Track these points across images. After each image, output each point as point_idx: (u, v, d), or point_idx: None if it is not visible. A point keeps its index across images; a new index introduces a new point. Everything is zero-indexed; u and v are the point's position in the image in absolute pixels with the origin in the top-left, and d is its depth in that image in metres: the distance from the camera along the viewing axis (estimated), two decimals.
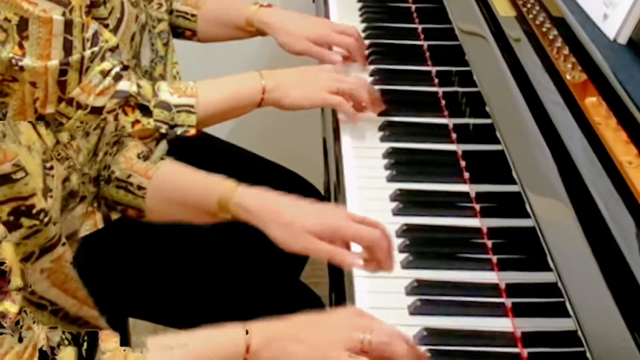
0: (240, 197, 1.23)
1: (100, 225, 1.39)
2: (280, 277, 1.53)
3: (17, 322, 0.97)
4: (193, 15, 1.71)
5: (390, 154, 1.42)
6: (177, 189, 1.29)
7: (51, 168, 1.14)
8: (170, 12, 1.71)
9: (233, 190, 1.24)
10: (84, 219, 1.28)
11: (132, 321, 1.72)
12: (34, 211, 1.07)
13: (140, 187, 1.29)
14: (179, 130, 1.40)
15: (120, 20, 1.40)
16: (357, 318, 1.05)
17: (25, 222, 1.07)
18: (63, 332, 1.02)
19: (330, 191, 1.44)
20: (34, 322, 1.00)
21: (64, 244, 1.15)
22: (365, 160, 1.42)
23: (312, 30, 1.65)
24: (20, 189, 1.05)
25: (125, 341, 1.05)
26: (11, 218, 1.05)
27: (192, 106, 1.41)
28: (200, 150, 1.71)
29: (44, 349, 0.98)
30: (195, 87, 1.43)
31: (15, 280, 0.99)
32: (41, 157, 1.12)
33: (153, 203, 1.29)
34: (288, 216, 1.18)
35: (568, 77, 1.09)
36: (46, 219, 1.09)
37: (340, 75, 1.51)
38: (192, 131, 1.41)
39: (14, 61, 1.11)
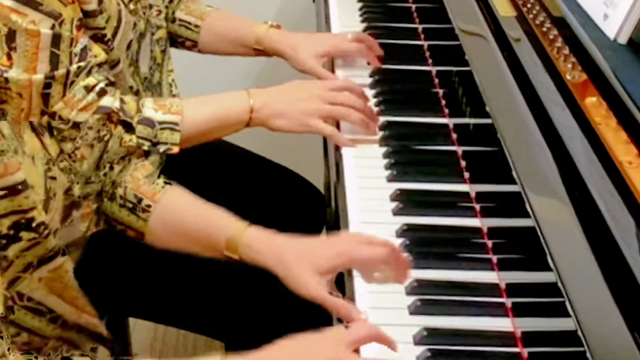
0: (250, 239, 1.22)
1: (101, 226, 1.39)
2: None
3: None
4: (196, 26, 1.70)
5: (390, 154, 1.42)
6: (182, 219, 1.28)
7: (53, 178, 1.14)
8: (173, 20, 1.70)
9: (242, 230, 1.23)
10: (85, 224, 1.28)
11: (132, 321, 1.72)
12: (33, 224, 1.07)
13: (144, 210, 1.28)
14: (161, 148, 1.37)
15: (117, 28, 1.39)
16: (338, 351, 1.02)
17: (25, 235, 1.07)
18: (36, 358, 1.01)
19: (330, 191, 1.44)
20: (8, 349, 0.99)
21: (63, 254, 1.15)
22: (365, 160, 1.42)
23: (321, 46, 1.65)
24: (20, 202, 1.05)
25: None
26: (11, 232, 1.05)
27: (176, 124, 1.38)
28: (200, 150, 1.71)
29: None
30: (181, 104, 1.40)
31: None
32: (44, 166, 1.12)
33: (155, 228, 1.28)
34: (297, 259, 1.17)
35: (568, 77, 1.09)
36: (46, 232, 1.09)
37: (331, 94, 1.47)
38: (175, 149, 1.38)
39: (0, 72, 1.11)
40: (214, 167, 1.73)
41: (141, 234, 1.29)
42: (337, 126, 1.49)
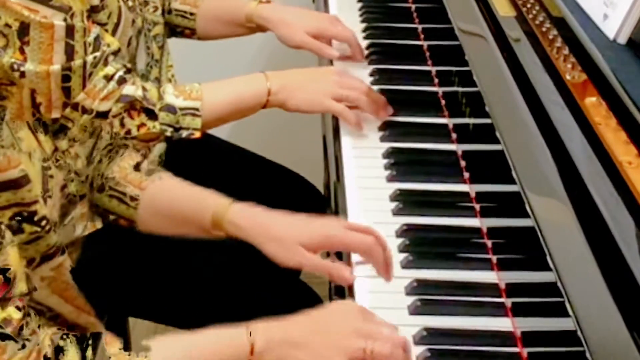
0: (233, 215, 1.23)
1: (99, 225, 1.39)
2: (280, 276, 1.53)
3: (21, 328, 0.97)
4: (192, 14, 1.72)
5: (390, 154, 1.42)
6: (170, 203, 1.29)
7: (51, 176, 1.14)
8: (169, 11, 1.71)
9: (226, 207, 1.24)
10: (83, 223, 1.28)
11: (132, 321, 1.72)
12: (35, 218, 1.08)
13: (133, 198, 1.29)
14: (184, 133, 1.40)
15: (117, 25, 1.40)
16: (360, 322, 1.04)
17: (27, 227, 1.07)
18: (67, 335, 1.02)
19: (330, 191, 1.44)
20: (38, 327, 1.00)
21: (63, 252, 1.15)
22: (365, 160, 1.42)
23: (311, 24, 1.66)
24: (23, 195, 1.05)
25: (125, 341, 1.06)
26: (13, 223, 1.05)
27: (197, 109, 1.40)
28: (201, 150, 1.71)
29: (49, 355, 0.98)
30: (201, 89, 1.43)
31: (20, 286, 0.99)
32: (41, 164, 1.12)
33: (145, 215, 1.29)
34: (280, 231, 1.19)
35: (568, 77, 1.09)
36: (48, 226, 1.10)
37: (345, 80, 1.50)
38: (197, 134, 1.41)
39: (15, 66, 1.11)
40: (214, 166, 1.73)
41: (132, 221, 1.30)
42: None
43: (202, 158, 1.72)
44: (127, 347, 1.05)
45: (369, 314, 1.07)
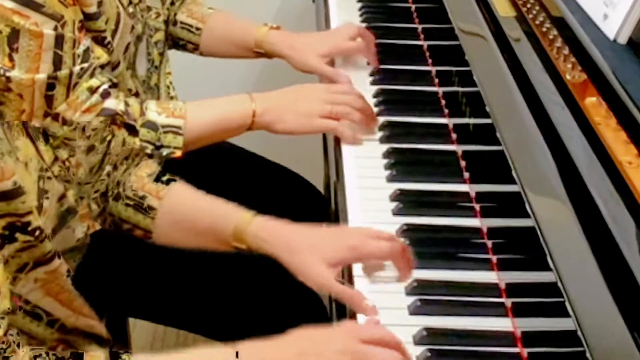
0: (257, 228, 1.22)
1: (98, 226, 1.39)
2: (280, 276, 1.53)
3: (2, 345, 0.96)
4: (198, 29, 1.70)
5: (390, 154, 1.42)
6: (188, 214, 1.28)
7: (47, 190, 1.12)
8: (174, 23, 1.69)
9: (249, 220, 1.23)
10: (82, 225, 1.27)
11: (132, 321, 1.72)
12: (29, 228, 1.07)
13: (150, 208, 1.28)
14: (164, 152, 1.37)
15: (115, 31, 1.39)
16: (351, 343, 1.02)
17: (20, 237, 1.06)
18: (47, 354, 1.01)
19: (330, 191, 1.44)
20: (17, 345, 0.99)
21: (59, 257, 1.14)
22: (365, 160, 1.42)
23: (322, 47, 1.64)
24: (17, 206, 1.04)
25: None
26: (6, 232, 1.04)
27: (179, 127, 1.38)
28: (201, 150, 1.70)
29: None
30: (184, 107, 1.41)
31: (4, 304, 0.98)
32: (37, 173, 1.11)
33: (162, 225, 1.28)
34: (305, 247, 1.17)
35: (568, 77, 1.09)
36: (42, 236, 1.09)
37: (334, 95, 1.48)
38: (178, 153, 1.38)
39: (1, 72, 1.10)
40: (214, 167, 1.73)
41: (148, 232, 1.29)
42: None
43: (203, 159, 1.72)
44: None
45: (362, 334, 1.04)
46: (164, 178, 1.32)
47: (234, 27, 1.71)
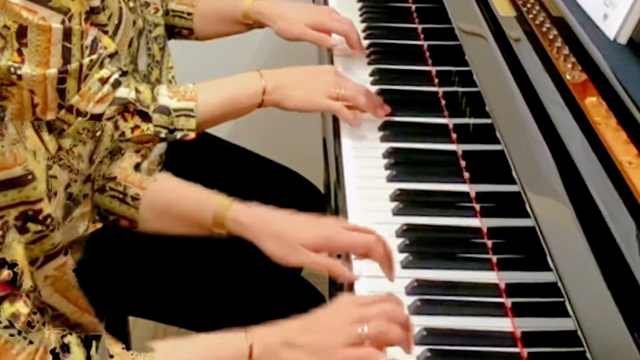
0: (236, 213, 1.24)
1: (100, 225, 1.39)
2: (282, 274, 1.53)
3: (29, 323, 0.97)
4: (189, 14, 1.72)
5: (390, 154, 1.42)
6: (171, 202, 1.30)
7: (54, 176, 1.14)
8: (167, 12, 1.71)
9: (228, 206, 1.25)
10: (84, 223, 1.28)
11: (132, 320, 1.72)
12: (40, 216, 1.08)
13: (134, 198, 1.29)
14: (178, 135, 1.40)
15: (118, 26, 1.40)
16: (352, 310, 1.04)
17: (32, 227, 1.08)
18: (71, 334, 1.03)
19: (330, 191, 1.44)
20: (43, 324, 1.01)
21: (66, 252, 1.15)
22: (365, 160, 1.42)
23: (309, 17, 1.66)
24: (28, 193, 1.06)
25: (125, 340, 1.06)
26: (18, 222, 1.06)
27: (191, 110, 1.40)
28: (201, 150, 1.71)
29: (56, 350, 0.99)
30: (195, 90, 1.42)
31: (27, 282, 1.00)
32: (45, 162, 1.13)
33: (147, 214, 1.30)
34: (281, 229, 1.20)
35: (568, 77, 1.09)
36: (52, 225, 1.10)
37: (341, 79, 1.50)
38: (192, 135, 1.41)
39: (12, 69, 1.11)
40: (213, 166, 1.73)
41: (134, 222, 1.31)
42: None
43: (203, 157, 1.72)
44: (127, 346, 1.06)
45: (362, 299, 1.08)
46: (146, 168, 1.34)
47: (222, 3, 1.73)
